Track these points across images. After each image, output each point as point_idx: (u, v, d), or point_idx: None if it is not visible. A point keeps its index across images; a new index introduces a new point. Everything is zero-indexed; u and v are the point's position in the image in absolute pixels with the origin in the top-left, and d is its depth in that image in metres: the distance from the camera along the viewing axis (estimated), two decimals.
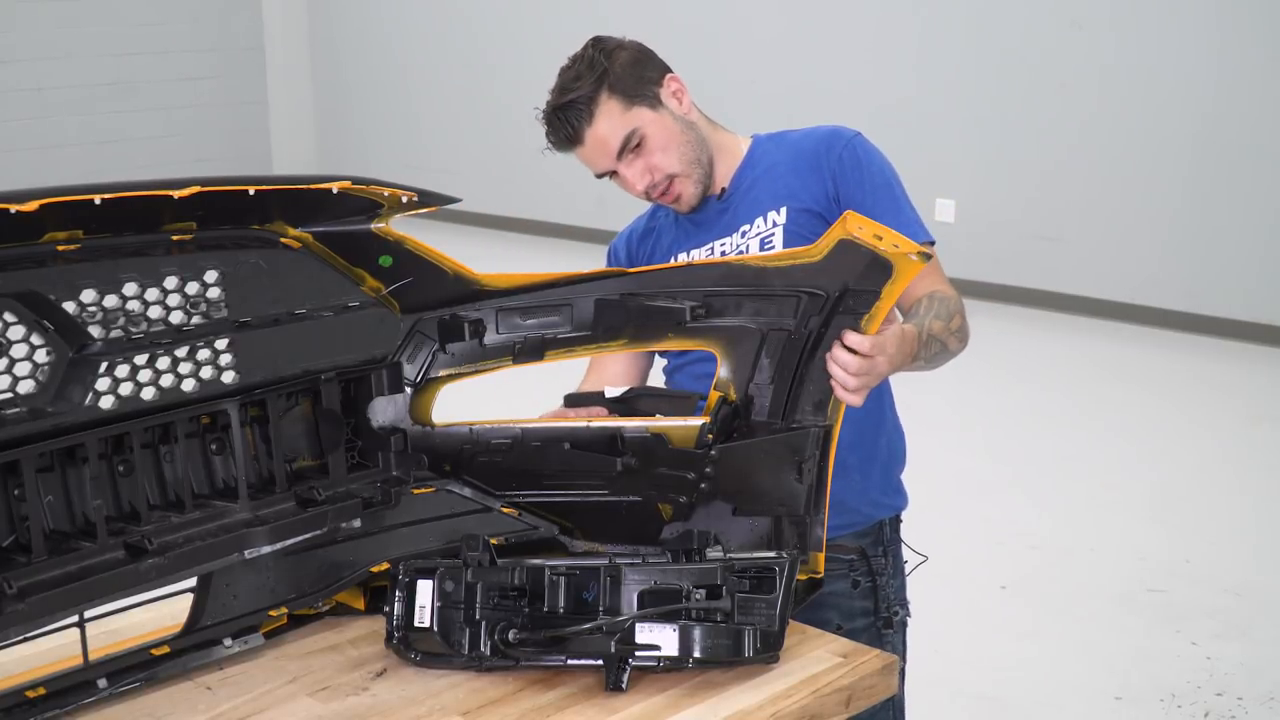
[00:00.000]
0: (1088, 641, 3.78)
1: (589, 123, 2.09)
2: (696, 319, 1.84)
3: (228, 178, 1.56)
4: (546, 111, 2.12)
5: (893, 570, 2.21)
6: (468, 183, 9.17)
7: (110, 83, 9.84)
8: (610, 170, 2.12)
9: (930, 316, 2.00)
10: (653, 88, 2.11)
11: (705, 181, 2.14)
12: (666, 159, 2.11)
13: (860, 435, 2.11)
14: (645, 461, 1.84)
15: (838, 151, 2.12)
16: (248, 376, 1.67)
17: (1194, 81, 6.61)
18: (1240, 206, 6.60)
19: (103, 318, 1.54)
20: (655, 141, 2.10)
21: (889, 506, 2.21)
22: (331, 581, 1.79)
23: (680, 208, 2.16)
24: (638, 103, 2.09)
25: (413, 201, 1.72)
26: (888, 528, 2.20)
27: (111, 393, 1.55)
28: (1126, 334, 6.82)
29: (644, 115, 2.10)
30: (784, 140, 2.21)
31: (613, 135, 2.09)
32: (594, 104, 2.08)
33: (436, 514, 1.86)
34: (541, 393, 2.54)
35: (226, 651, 1.70)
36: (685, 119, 2.13)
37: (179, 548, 1.60)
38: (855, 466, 2.12)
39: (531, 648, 1.66)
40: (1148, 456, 5.20)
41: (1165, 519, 4.62)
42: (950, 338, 2.02)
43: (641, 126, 2.09)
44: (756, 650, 1.66)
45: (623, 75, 2.09)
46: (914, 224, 2.09)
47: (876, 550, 2.18)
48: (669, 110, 2.12)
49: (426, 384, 1.89)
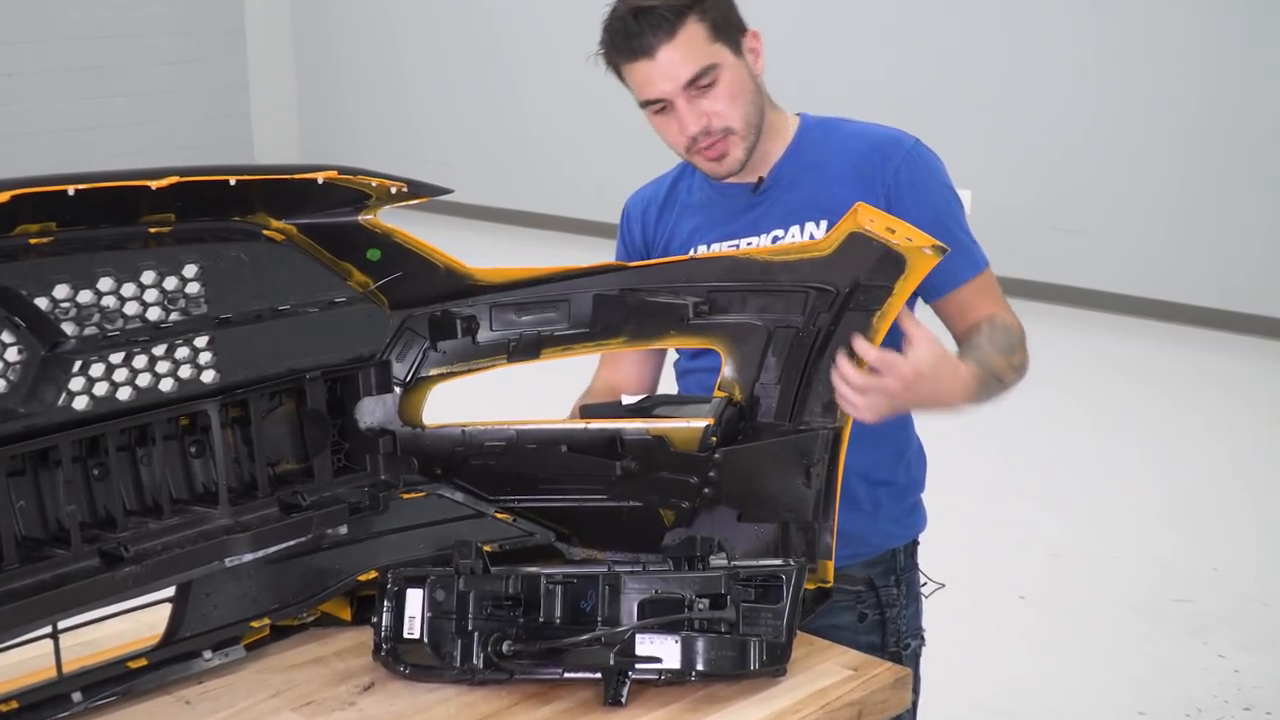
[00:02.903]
0: (1109, 653, 3.78)
1: (668, 37, 1.95)
2: (700, 315, 1.84)
3: (208, 167, 1.56)
4: (621, 11, 1.98)
5: (906, 599, 2.14)
6: (460, 173, 9.17)
7: (84, 67, 9.83)
8: (663, 100, 1.98)
9: (992, 349, 1.94)
10: (739, 34, 2.01)
11: (752, 151, 2.04)
12: (732, 110, 1.99)
13: (874, 463, 2.06)
14: (646, 465, 1.84)
15: (894, 165, 2.03)
16: (229, 376, 1.67)
17: (1222, 66, 6.61)
18: (1270, 198, 6.60)
19: (77, 314, 1.54)
20: (727, 88, 1.98)
21: (902, 535, 2.15)
22: (316, 591, 1.79)
23: (718, 170, 2.04)
24: (724, 40, 1.98)
25: (402, 192, 1.72)
26: (902, 555, 2.14)
27: (86, 393, 1.55)
28: (1149, 331, 6.82)
29: (726, 55, 1.98)
30: (835, 133, 2.10)
31: (690, 61, 1.95)
32: (682, 19, 1.95)
33: (427, 520, 1.87)
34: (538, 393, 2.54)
35: (206, 664, 1.70)
36: (756, 79, 2.03)
37: (157, 555, 1.60)
38: (866, 497, 2.07)
39: (526, 660, 1.66)
40: (1172, 459, 5.20)
41: (1190, 524, 4.62)
42: (1010, 372, 1.96)
43: (721, 65, 1.97)
44: (762, 662, 1.66)
45: (718, 6, 1.99)
46: (968, 249, 2.04)
47: (888, 580, 2.11)
48: (745, 64, 2.02)
49: (417, 383, 1.88)
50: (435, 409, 1.91)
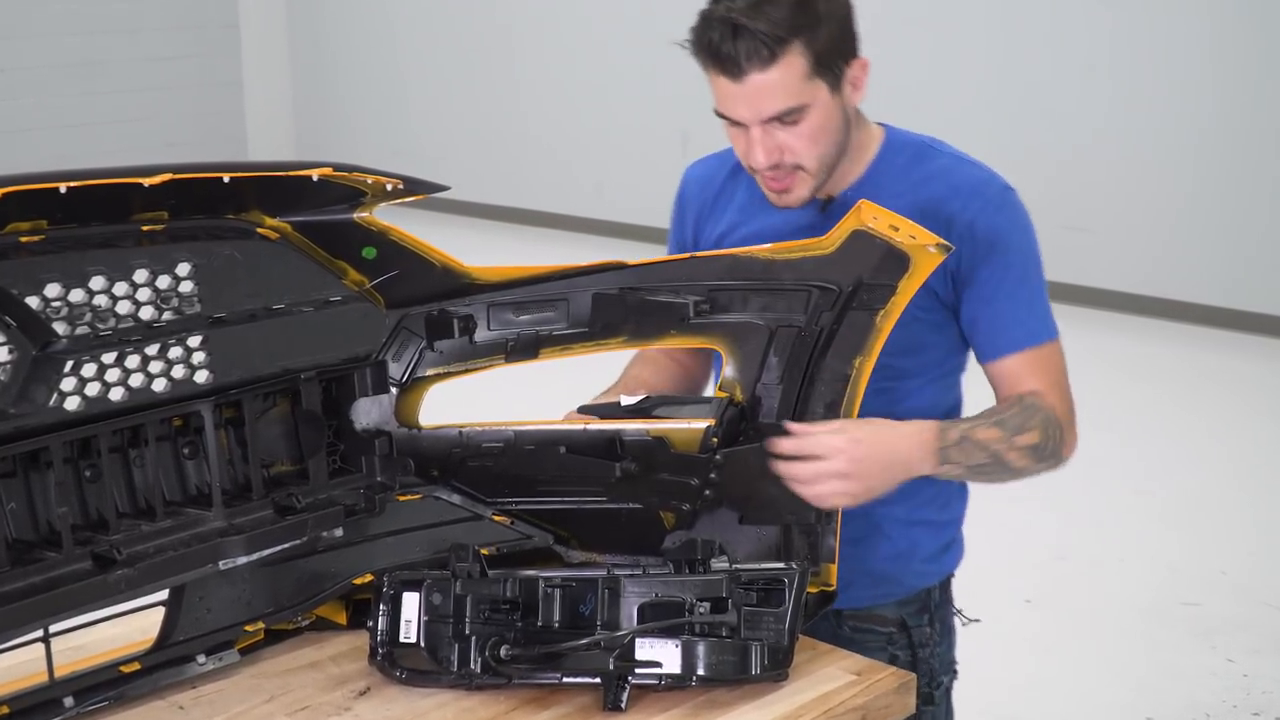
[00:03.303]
0: (1115, 658, 3.78)
1: (762, 67, 1.78)
2: (700, 315, 1.84)
3: (201, 164, 1.57)
4: (720, 16, 1.79)
5: (939, 635, 2.06)
6: (457, 169, 9.17)
7: (76, 63, 9.83)
8: (739, 121, 1.85)
9: (990, 422, 1.85)
10: (843, 65, 1.84)
11: (821, 187, 1.91)
12: (809, 150, 1.85)
13: (914, 505, 1.97)
14: (646, 466, 1.84)
15: (970, 216, 1.89)
16: (222, 376, 1.67)
17: (1233, 63, 6.61)
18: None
19: (68, 313, 1.54)
20: (810, 127, 1.83)
21: (938, 572, 2.07)
22: (311, 594, 1.79)
23: (780, 202, 1.91)
24: (823, 74, 1.81)
25: (398, 189, 1.72)
26: (936, 591, 2.06)
27: (77, 393, 1.55)
28: (1157, 330, 6.82)
29: (820, 93, 1.82)
30: (918, 164, 1.94)
31: (779, 98, 1.80)
32: (784, 48, 1.77)
33: (423, 522, 1.87)
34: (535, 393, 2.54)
35: (200, 669, 1.70)
36: (848, 114, 1.88)
37: (149, 558, 1.60)
38: (901, 537, 1.99)
39: (524, 665, 1.66)
40: (1181, 461, 5.20)
41: (1198, 526, 4.62)
42: (1014, 453, 1.85)
43: (812, 106, 1.82)
44: (764, 667, 1.66)
45: (830, 34, 1.81)
46: (1040, 318, 1.93)
47: (921, 619, 2.03)
48: (841, 98, 1.85)
49: (413, 384, 1.88)
50: (432, 410, 1.91)
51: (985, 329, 1.93)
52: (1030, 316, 1.93)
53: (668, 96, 7.85)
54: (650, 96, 8.32)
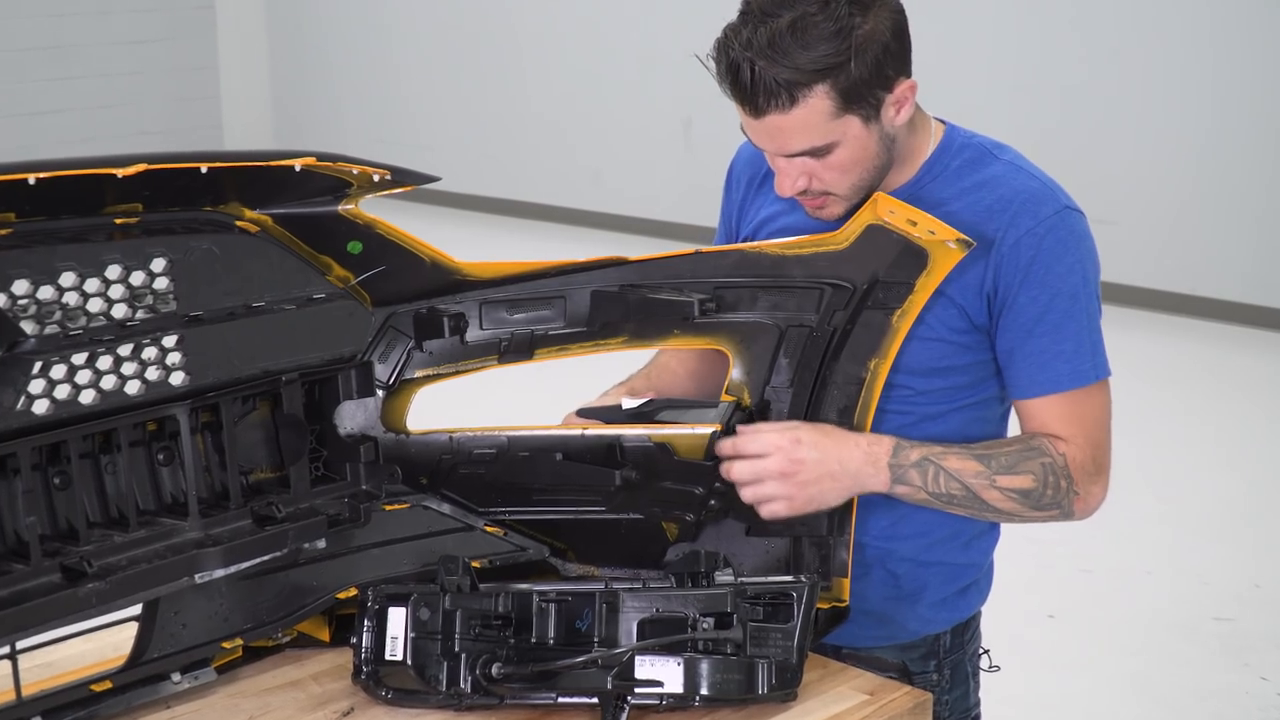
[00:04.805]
0: (1144, 675, 3.78)
1: (781, 110, 1.73)
2: (706, 314, 1.84)
3: (177, 154, 1.56)
4: (738, 50, 1.72)
5: (951, 683, 1.99)
6: (447, 159, 9.18)
7: (43, 47, 9.83)
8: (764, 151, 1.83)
9: (969, 453, 1.80)
10: (881, 94, 1.76)
11: (858, 204, 1.84)
12: (840, 181, 1.80)
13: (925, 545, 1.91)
14: (647, 474, 1.84)
15: (1019, 233, 1.81)
16: (199, 378, 1.67)
17: (1260, 50, 6.61)
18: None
19: (37, 311, 1.54)
20: (842, 160, 1.78)
21: (946, 619, 1.98)
22: (292, 609, 1.79)
23: (815, 216, 1.88)
24: (855, 111, 1.75)
25: (386, 180, 1.72)
26: (946, 638, 1.99)
27: (46, 396, 1.55)
28: (1185, 329, 6.82)
29: (852, 128, 1.76)
30: (973, 169, 1.87)
31: (800, 138, 1.76)
32: (805, 92, 1.71)
33: (411, 533, 1.87)
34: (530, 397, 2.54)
35: (175, 688, 1.70)
36: (890, 135, 1.80)
37: (122, 570, 1.60)
38: (908, 577, 1.92)
39: (517, 683, 1.66)
40: (1212, 468, 5.20)
41: (1231, 538, 4.63)
42: (993, 492, 1.80)
43: (840, 142, 1.76)
44: (771, 686, 1.66)
45: (862, 72, 1.72)
46: (1087, 356, 1.83)
47: (926, 665, 1.97)
48: (880, 125, 1.78)
49: (401, 386, 1.89)
50: (421, 414, 1.91)
51: (1022, 363, 1.84)
52: (1076, 354, 1.83)
53: (670, 79, 7.86)
54: (652, 79, 8.32)
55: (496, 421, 1.92)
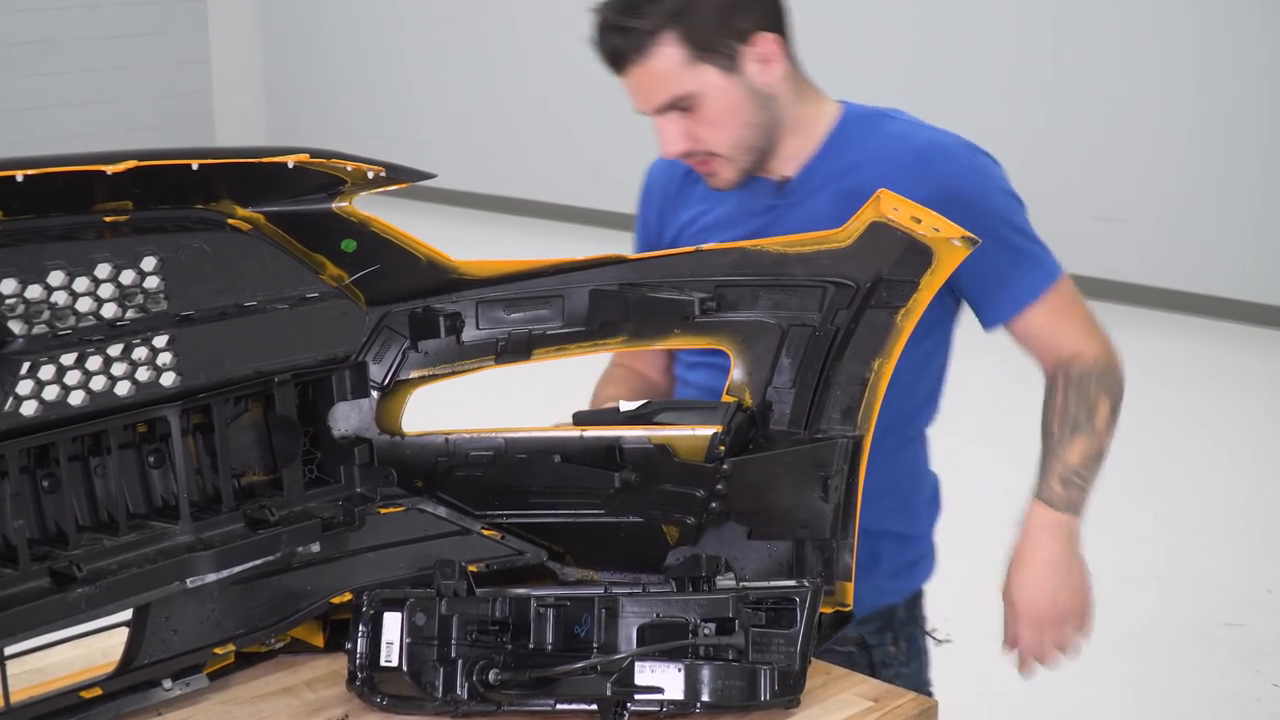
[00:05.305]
0: (1154, 683, 3.78)
1: (637, 60, 1.93)
2: (706, 313, 1.84)
3: (168, 150, 1.57)
4: (600, 12, 1.95)
5: (906, 656, 2.11)
6: (443, 155, 9.18)
7: (31, 41, 9.83)
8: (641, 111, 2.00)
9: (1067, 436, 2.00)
10: (735, 45, 1.93)
11: (753, 168, 2.00)
12: (714, 135, 1.96)
13: (876, 515, 1.94)
14: (647, 477, 1.84)
15: (939, 178, 1.96)
16: (190, 379, 1.67)
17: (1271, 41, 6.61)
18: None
19: (24, 311, 1.54)
20: (709, 112, 1.94)
21: (900, 589, 2.11)
22: (286, 614, 1.79)
23: (714, 184, 2.03)
24: (708, 59, 1.92)
25: (380, 177, 1.72)
26: (901, 609, 2.11)
27: (35, 397, 1.55)
28: (1200, 329, 6.82)
29: (708, 77, 1.93)
30: (876, 132, 2.04)
31: (660, 88, 1.94)
32: (652, 41, 1.91)
33: (406, 537, 1.87)
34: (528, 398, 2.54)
35: (166, 694, 1.70)
36: (763, 92, 1.96)
37: (112, 575, 1.60)
38: (863, 550, 1.93)
39: (515, 690, 1.66)
40: (1224, 470, 5.20)
41: (1244, 542, 4.62)
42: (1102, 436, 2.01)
43: (700, 92, 1.93)
44: (774, 693, 1.66)
45: (705, 18, 1.91)
46: (1040, 259, 2.01)
47: (883, 638, 2.08)
48: (745, 78, 1.95)
49: (396, 387, 1.89)
50: (416, 415, 1.91)
51: (992, 289, 2.00)
52: (1033, 263, 2.00)
53: None
54: None
55: (493, 423, 1.92)
